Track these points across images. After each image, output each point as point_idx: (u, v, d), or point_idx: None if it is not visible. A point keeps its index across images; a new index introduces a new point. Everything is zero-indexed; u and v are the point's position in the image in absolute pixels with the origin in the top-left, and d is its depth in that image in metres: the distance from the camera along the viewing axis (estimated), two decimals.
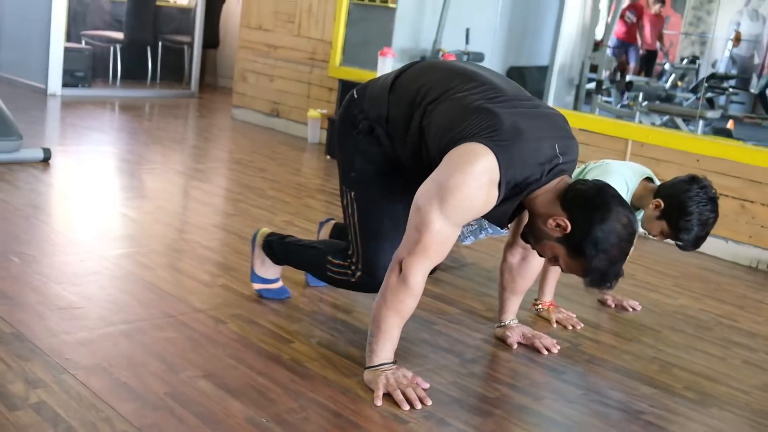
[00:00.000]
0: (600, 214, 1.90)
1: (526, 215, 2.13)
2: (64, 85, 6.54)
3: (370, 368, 2.06)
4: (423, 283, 1.99)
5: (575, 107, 7.52)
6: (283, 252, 2.50)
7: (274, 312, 2.50)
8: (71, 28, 7.01)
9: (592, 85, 8.02)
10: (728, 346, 2.74)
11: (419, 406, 1.98)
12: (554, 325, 2.72)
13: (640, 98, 8.03)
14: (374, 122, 2.16)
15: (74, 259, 2.78)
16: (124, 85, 7.32)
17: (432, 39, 6.33)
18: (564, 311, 2.78)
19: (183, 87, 7.69)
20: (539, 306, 2.78)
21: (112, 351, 2.08)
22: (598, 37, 8.01)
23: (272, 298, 2.58)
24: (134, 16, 7.33)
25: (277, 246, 2.50)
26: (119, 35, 7.35)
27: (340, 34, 5.78)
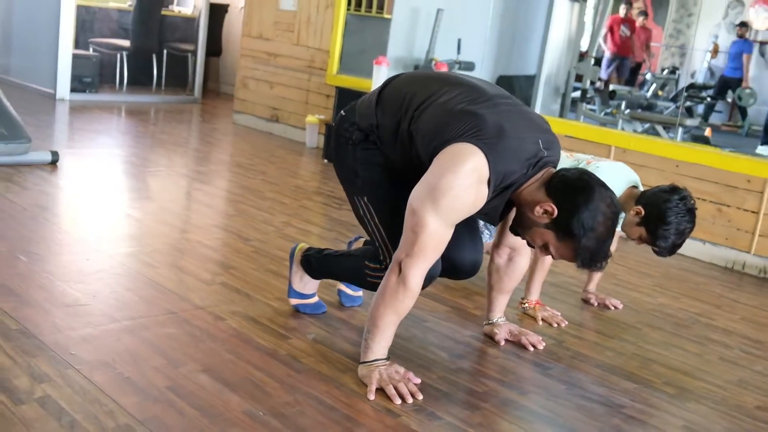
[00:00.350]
0: (584, 195, 1.91)
1: (512, 214, 2.12)
2: (73, 90, 6.51)
3: (364, 363, 2.05)
4: (421, 283, 1.98)
5: (561, 115, 7.53)
6: (322, 265, 2.40)
7: (272, 309, 2.48)
8: (79, 35, 7.00)
9: (578, 94, 8.03)
10: (705, 343, 2.73)
11: (410, 400, 1.97)
12: (540, 322, 2.71)
13: (623, 106, 8.05)
14: (366, 131, 2.15)
15: (80, 258, 2.76)
16: (130, 91, 7.29)
17: (425, 49, 6.33)
18: (549, 309, 2.77)
19: (187, 93, 7.67)
20: (526, 304, 2.77)
21: (115, 346, 2.07)
22: (583, 48, 8.03)
23: (309, 313, 2.48)
24: (140, 25, 7.30)
25: (315, 260, 2.41)
26: (126, 43, 7.33)
27: (337, 44, 5.77)
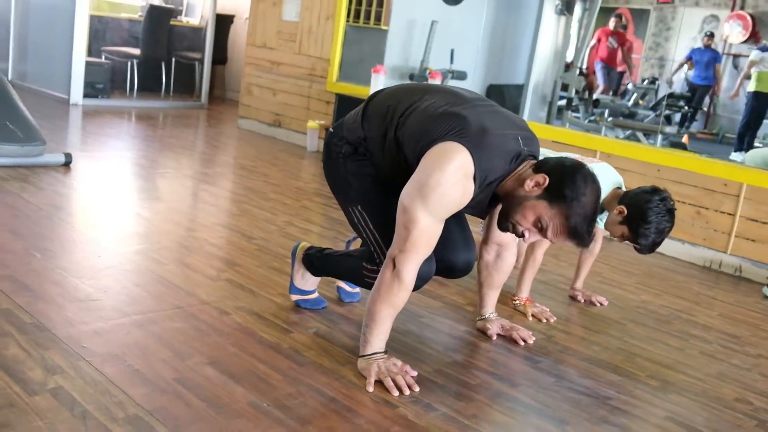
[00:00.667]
0: (570, 168, 1.94)
1: (497, 211, 2.11)
2: (85, 95, 6.46)
3: (363, 357, 2.03)
4: (414, 277, 1.96)
5: (548, 121, 7.52)
6: (322, 264, 2.38)
7: (274, 305, 2.46)
8: (92, 44, 6.95)
9: (563, 102, 8.03)
10: (686, 338, 2.72)
11: (407, 392, 1.94)
12: (530, 318, 2.68)
13: (606, 114, 8.04)
14: (355, 144, 2.15)
15: (92, 255, 2.73)
16: (140, 97, 7.25)
17: (420, 58, 6.31)
18: (539, 306, 2.75)
19: (194, 99, 7.63)
20: (516, 301, 2.75)
21: (125, 340, 2.03)
22: (568, 59, 8.02)
23: (310, 308, 2.46)
24: (150, 34, 7.26)
25: (317, 258, 2.39)
26: (136, 51, 7.28)
27: (337, 53, 5.74)
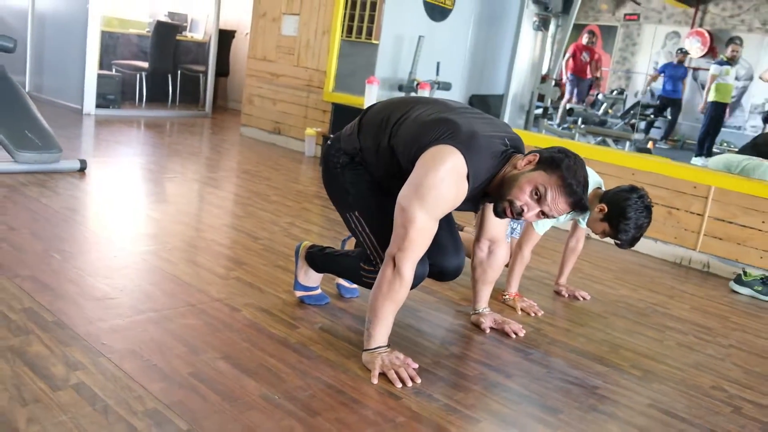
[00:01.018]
0: (558, 148, 1.93)
1: (488, 210, 2.10)
2: (98, 106, 6.38)
3: (367, 350, 1.98)
4: (413, 273, 1.92)
5: (525, 128, 7.50)
6: (323, 261, 2.34)
7: (281, 301, 2.40)
8: (103, 58, 6.85)
9: (540, 111, 8.02)
10: (663, 330, 2.69)
11: (410, 384, 1.90)
12: (519, 312, 2.65)
13: (579, 122, 8.04)
14: (352, 154, 2.12)
15: (107, 255, 2.66)
16: (148, 107, 7.16)
17: (408, 70, 6.27)
18: (527, 300, 2.71)
19: (199, 108, 7.55)
20: (507, 296, 2.71)
21: (142, 336, 1.98)
22: (544, 71, 8.02)
23: (313, 304, 2.41)
24: (157, 49, 7.17)
25: (318, 256, 2.34)
26: (145, 64, 7.19)
27: (332, 65, 5.69)
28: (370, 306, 1.97)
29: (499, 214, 1.96)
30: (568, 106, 8.62)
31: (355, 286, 2.55)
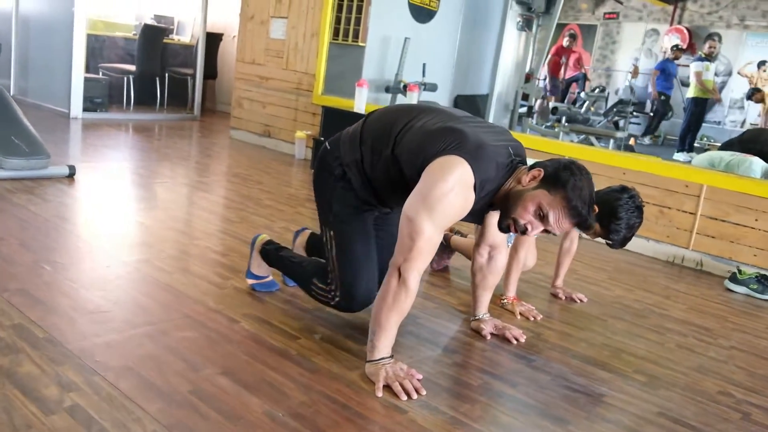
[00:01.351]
0: (563, 160, 1.87)
1: (490, 218, 2.04)
2: (85, 109, 6.22)
3: (371, 362, 1.90)
4: (418, 284, 1.85)
5: (510, 128, 7.45)
6: (276, 262, 2.39)
7: (279, 310, 2.31)
8: (90, 61, 6.69)
9: (524, 110, 7.97)
10: (663, 332, 2.63)
11: (415, 396, 1.82)
12: (518, 316, 2.58)
13: (563, 121, 8.00)
14: (348, 166, 2.06)
15: (100, 266, 2.55)
16: (136, 110, 7.00)
17: (395, 72, 6.19)
18: (525, 304, 2.64)
19: (187, 111, 7.40)
20: (505, 300, 2.64)
21: (138, 352, 1.87)
22: (528, 70, 7.97)
23: (263, 291, 2.45)
24: (145, 52, 7.01)
25: (272, 256, 2.40)
26: (132, 67, 7.04)
27: (321, 68, 5.59)
28: (373, 317, 1.89)
29: (504, 229, 1.93)
30: (551, 105, 8.58)
31: None
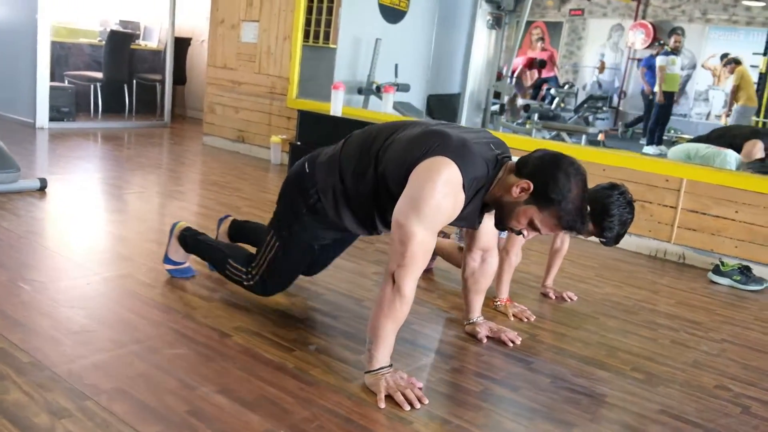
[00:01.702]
0: (551, 165, 1.79)
1: (486, 219, 2.01)
2: (51, 119, 6.04)
3: (370, 372, 1.85)
4: (414, 290, 1.82)
5: (483, 126, 7.47)
6: (194, 247, 2.50)
7: (271, 322, 2.25)
8: (55, 69, 6.49)
9: (496, 108, 8.00)
10: (655, 328, 2.63)
11: (418, 405, 1.78)
12: (512, 318, 2.55)
13: (536, 118, 8.04)
14: (323, 192, 2.06)
15: (81, 283, 2.45)
16: (104, 118, 6.82)
17: (367, 73, 6.15)
18: (518, 306, 2.62)
19: (157, 118, 7.24)
20: (498, 303, 2.62)
21: (128, 372, 1.80)
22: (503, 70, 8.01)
23: (179, 276, 2.56)
24: (111, 58, 6.84)
25: (191, 241, 2.51)
26: (99, 75, 6.85)
27: (296, 71, 5.51)
28: (370, 326, 1.85)
29: (501, 231, 1.95)
30: (522, 102, 8.63)
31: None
